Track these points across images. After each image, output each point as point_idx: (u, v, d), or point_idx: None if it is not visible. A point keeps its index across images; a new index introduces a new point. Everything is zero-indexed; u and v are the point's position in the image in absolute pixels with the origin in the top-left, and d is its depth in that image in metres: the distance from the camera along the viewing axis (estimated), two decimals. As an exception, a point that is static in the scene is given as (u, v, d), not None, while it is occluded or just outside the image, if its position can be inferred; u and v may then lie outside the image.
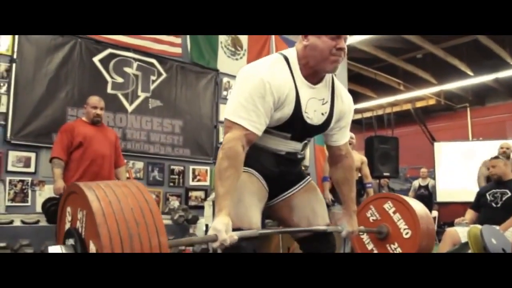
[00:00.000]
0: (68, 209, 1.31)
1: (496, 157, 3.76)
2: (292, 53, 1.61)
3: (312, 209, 1.76)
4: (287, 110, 1.55)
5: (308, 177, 1.85)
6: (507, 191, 3.49)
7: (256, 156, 1.63)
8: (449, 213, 8.01)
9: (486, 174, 4.93)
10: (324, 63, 1.53)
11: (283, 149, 1.65)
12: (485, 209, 3.54)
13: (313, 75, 1.60)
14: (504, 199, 3.46)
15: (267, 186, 1.69)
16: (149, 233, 1.12)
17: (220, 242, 1.34)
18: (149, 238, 1.11)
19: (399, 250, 2.25)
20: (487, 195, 3.59)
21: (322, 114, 1.64)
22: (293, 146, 1.67)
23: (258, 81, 1.48)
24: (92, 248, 1.13)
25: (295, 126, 1.60)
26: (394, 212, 2.33)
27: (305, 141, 1.71)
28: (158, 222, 1.15)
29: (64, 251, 1.19)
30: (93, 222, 1.09)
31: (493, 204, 3.49)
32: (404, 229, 2.27)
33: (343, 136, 1.79)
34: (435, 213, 8.16)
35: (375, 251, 2.40)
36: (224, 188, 1.41)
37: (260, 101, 1.47)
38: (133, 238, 1.09)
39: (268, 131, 1.58)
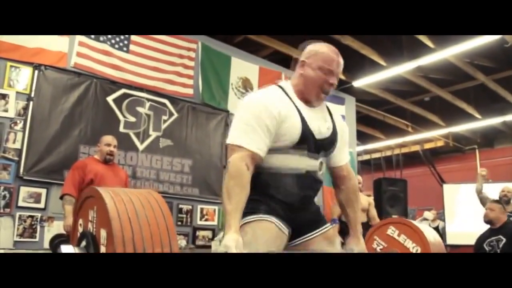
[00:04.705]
0: (82, 215, 1.33)
1: (497, 201, 3.68)
2: (286, 82, 1.78)
3: None
4: (294, 121, 1.64)
5: (329, 224, 1.83)
6: (501, 237, 3.45)
7: (278, 182, 1.66)
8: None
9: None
10: (312, 93, 1.69)
11: (303, 167, 1.67)
12: None
13: (306, 100, 1.72)
14: (501, 246, 3.42)
15: (288, 225, 1.67)
16: (159, 227, 1.15)
17: None
18: (158, 225, 1.14)
19: None
20: (485, 246, 3.54)
21: (327, 128, 1.75)
22: (311, 163, 1.70)
23: (253, 104, 1.64)
24: (103, 235, 1.14)
25: (308, 139, 1.66)
26: (399, 235, 2.33)
27: (321, 160, 1.74)
28: (168, 218, 1.19)
29: (76, 251, 1.21)
30: (104, 210, 1.12)
31: None
32: (413, 247, 2.25)
33: (344, 156, 1.87)
34: (445, 256, 7.98)
35: None
36: (232, 206, 1.48)
37: (256, 121, 1.58)
38: (141, 221, 1.12)
39: (287, 151, 1.65)
